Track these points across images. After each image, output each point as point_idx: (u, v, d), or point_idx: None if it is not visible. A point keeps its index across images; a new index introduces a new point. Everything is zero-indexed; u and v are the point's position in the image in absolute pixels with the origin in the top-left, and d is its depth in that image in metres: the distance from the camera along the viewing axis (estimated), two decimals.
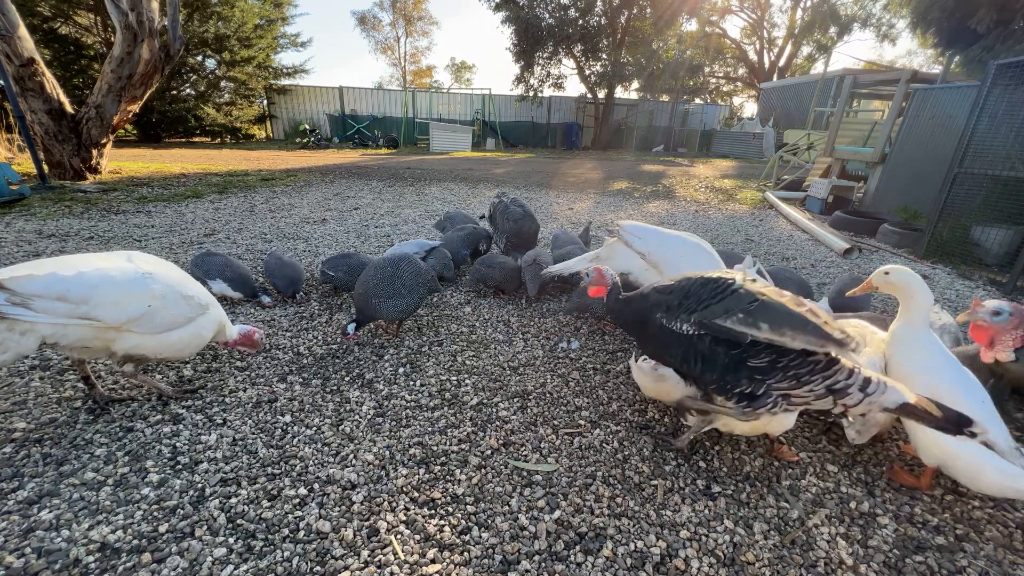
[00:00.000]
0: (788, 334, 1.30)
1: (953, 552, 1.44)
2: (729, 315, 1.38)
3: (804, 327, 1.30)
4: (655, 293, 1.64)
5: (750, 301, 1.38)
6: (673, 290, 1.59)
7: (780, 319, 1.32)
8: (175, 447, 1.73)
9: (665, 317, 1.56)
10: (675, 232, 2.57)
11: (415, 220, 5.58)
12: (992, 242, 4.41)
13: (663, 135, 21.85)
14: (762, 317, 1.33)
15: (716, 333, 1.42)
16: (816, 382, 1.36)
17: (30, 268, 1.60)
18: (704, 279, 1.55)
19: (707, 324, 1.42)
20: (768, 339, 1.32)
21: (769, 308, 1.35)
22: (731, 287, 1.46)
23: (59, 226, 4.49)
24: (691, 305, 1.50)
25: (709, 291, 1.49)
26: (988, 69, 4.26)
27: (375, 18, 38.99)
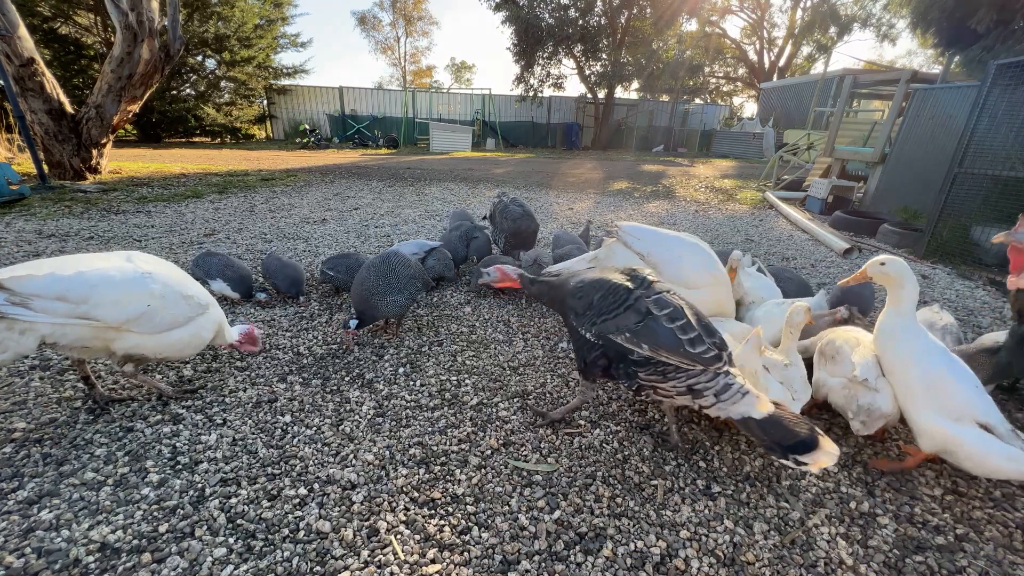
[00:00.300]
0: (663, 354, 1.51)
1: (953, 552, 1.44)
2: (619, 333, 1.59)
3: (677, 349, 1.50)
4: (570, 299, 1.79)
5: (637, 321, 1.57)
6: (581, 296, 1.75)
7: (658, 342, 1.52)
8: (175, 447, 1.73)
9: (575, 320, 1.76)
10: (673, 233, 2.56)
11: (415, 220, 5.58)
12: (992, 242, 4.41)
13: (663, 135, 21.85)
14: (644, 339, 1.54)
15: (609, 345, 1.64)
16: (680, 379, 1.54)
17: (29, 268, 1.60)
18: (606, 291, 1.70)
19: (603, 337, 1.65)
20: (648, 356, 1.54)
21: (651, 330, 1.54)
22: (626, 302, 1.63)
23: (59, 226, 4.49)
24: (592, 316, 1.68)
25: (608, 304, 1.66)
26: (988, 69, 4.27)
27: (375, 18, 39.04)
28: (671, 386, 1.55)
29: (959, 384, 1.58)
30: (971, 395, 1.56)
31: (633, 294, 1.63)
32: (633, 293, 1.64)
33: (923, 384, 1.61)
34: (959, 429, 1.53)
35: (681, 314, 1.57)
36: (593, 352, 1.70)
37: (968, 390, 1.57)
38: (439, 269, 3.25)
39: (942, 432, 1.55)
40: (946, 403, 1.57)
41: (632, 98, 23.58)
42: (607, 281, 1.71)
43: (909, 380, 1.65)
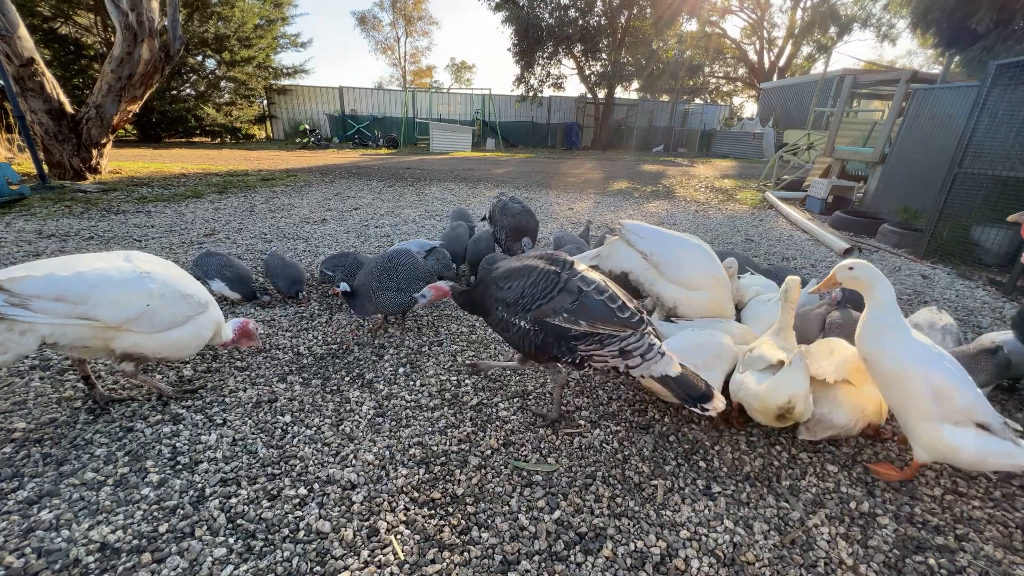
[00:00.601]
0: (599, 326, 1.66)
1: (953, 552, 1.44)
2: (557, 314, 1.69)
3: (611, 319, 1.66)
4: (495, 288, 1.85)
5: (573, 301, 1.68)
6: (510, 287, 1.81)
7: (595, 315, 1.66)
8: (175, 447, 1.73)
9: (506, 312, 1.81)
10: (677, 233, 2.55)
11: (415, 220, 5.58)
12: (992, 242, 4.42)
13: (663, 135, 21.84)
14: (581, 315, 1.67)
15: (548, 328, 1.72)
16: (614, 344, 1.69)
17: (28, 269, 1.60)
18: (535, 277, 1.77)
19: (540, 322, 1.72)
20: (586, 331, 1.67)
21: (587, 307, 1.67)
22: (557, 285, 1.72)
23: (59, 226, 4.49)
24: (527, 304, 1.75)
25: (540, 290, 1.74)
26: (988, 69, 4.27)
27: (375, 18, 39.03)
28: (608, 352, 1.70)
29: (961, 387, 1.52)
30: (971, 396, 1.52)
31: (562, 276, 1.74)
32: (562, 276, 1.74)
33: (927, 393, 1.53)
34: (961, 434, 1.50)
35: (606, 287, 1.73)
36: (537, 338, 1.76)
37: (968, 391, 1.52)
38: (438, 269, 3.25)
39: (945, 441, 1.51)
40: (950, 409, 1.51)
41: (632, 98, 23.58)
42: (534, 268, 1.79)
43: (910, 389, 1.56)
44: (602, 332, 1.66)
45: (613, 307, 1.67)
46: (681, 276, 2.37)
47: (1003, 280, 4.02)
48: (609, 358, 1.71)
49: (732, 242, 5.26)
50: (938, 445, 1.54)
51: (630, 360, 1.69)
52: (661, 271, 2.42)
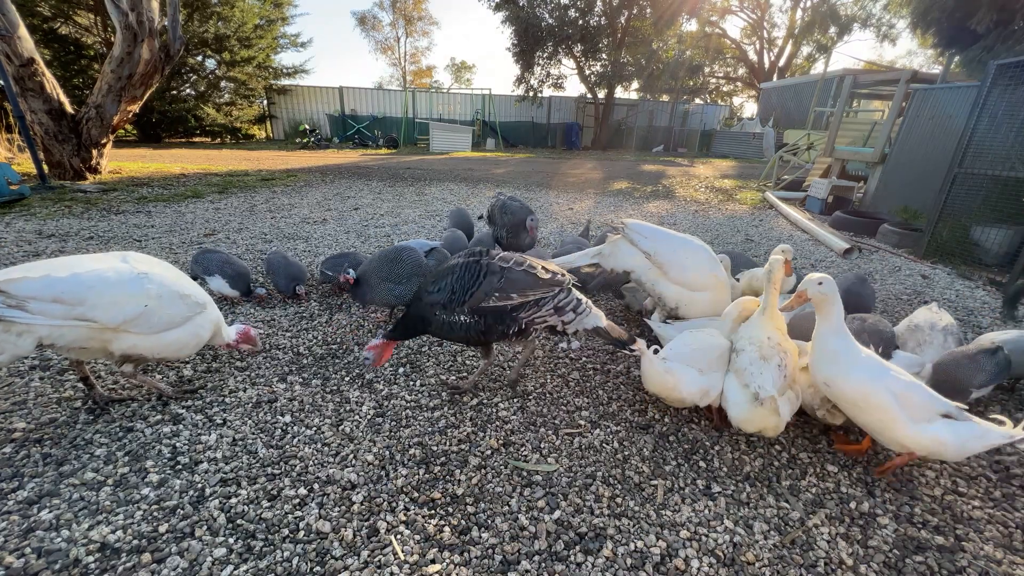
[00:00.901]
0: (530, 292, 1.85)
1: (953, 552, 1.44)
2: (489, 296, 1.83)
3: (537, 284, 1.86)
4: (427, 295, 1.95)
5: (499, 279, 1.84)
6: (440, 288, 1.92)
7: (522, 284, 1.85)
8: (175, 447, 1.73)
9: (444, 313, 1.91)
10: (681, 234, 2.53)
11: (415, 220, 5.58)
12: (992, 242, 4.41)
13: (663, 135, 21.84)
14: (511, 288, 1.84)
15: (487, 312, 1.86)
16: (549, 304, 1.90)
17: (25, 270, 1.60)
18: (460, 271, 1.90)
19: (478, 309, 1.86)
20: (520, 302, 1.85)
21: (513, 280, 1.85)
22: (481, 271, 1.87)
23: (59, 226, 4.49)
24: (460, 298, 1.87)
25: (468, 281, 1.87)
26: (988, 69, 4.27)
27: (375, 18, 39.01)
28: (545, 311, 1.89)
29: (914, 388, 1.59)
30: (924, 392, 1.60)
31: (482, 262, 1.90)
32: (482, 262, 1.90)
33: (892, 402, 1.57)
34: (935, 427, 1.56)
35: (523, 259, 1.91)
36: (480, 325, 1.88)
37: (919, 389, 1.60)
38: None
39: (927, 437, 1.56)
40: (914, 410, 1.57)
41: (632, 98, 23.57)
42: (456, 264, 1.93)
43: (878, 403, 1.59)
44: (533, 297, 1.86)
45: (534, 272, 1.86)
46: (684, 277, 2.36)
47: (1003, 280, 4.02)
48: (548, 317, 1.90)
49: (732, 242, 5.26)
50: (923, 442, 1.57)
51: (565, 316, 1.91)
52: (664, 271, 2.41)
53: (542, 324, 1.93)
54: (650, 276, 2.47)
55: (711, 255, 2.44)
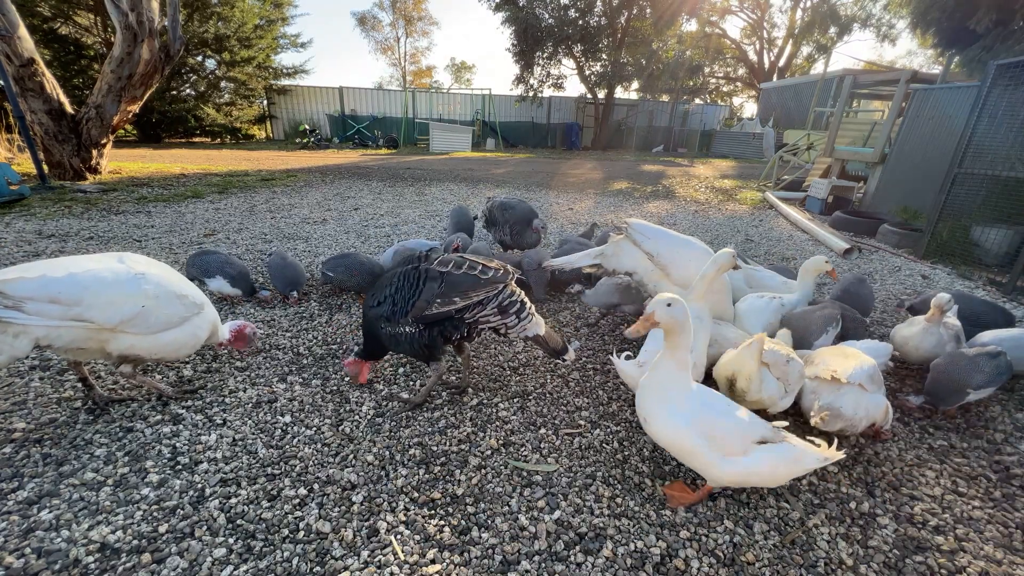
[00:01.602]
0: (472, 294, 1.81)
1: (953, 552, 1.44)
2: (431, 304, 1.80)
3: (479, 284, 1.82)
4: (370, 311, 1.94)
5: (439, 284, 1.81)
6: (381, 301, 1.90)
7: (464, 287, 1.81)
8: (175, 447, 1.73)
9: (389, 326, 1.89)
10: (683, 236, 2.50)
11: (415, 220, 5.58)
12: (992, 242, 4.41)
13: (663, 135, 21.84)
14: (453, 292, 1.80)
15: (431, 320, 1.83)
16: (492, 303, 1.87)
17: (21, 271, 1.60)
18: (398, 282, 1.88)
19: (422, 318, 1.83)
20: (464, 304, 1.81)
21: (454, 283, 1.82)
22: (420, 278, 1.85)
23: (59, 226, 4.49)
24: (402, 308, 1.84)
25: (407, 290, 1.85)
26: (988, 69, 4.27)
27: (375, 18, 39.00)
28: (490, 310, 1.87)
29: (731, 427, 1.47)
30: (742, 427, 1.48)
31: (421, 268, 1.87)
32: (420, 268, 1.88)
33: (704, 445, 1.46)
34: (749, 459, 1.46)
35: (463, 260, 1.88)
36: (425, 335, 1.86)
37: (737, 425, 1.48)
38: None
39: (738, 471, 1.46)
40: (730, 447, 1.46)
41: (632, 98, 23.57)
42: (394, 274, 1.93)
43: (689, 447, 1.48)
44: (476, 298, 1.83)
45: (475, 272, 1.83)
46: (686, 279, 2.34)
47: (1003, 280, 4.02)
48: (491, 317, 1.88)
49: (732, 242, 5.26)
50: (733, 477, 1.48)
51: (508, 319, 1.89)
52: (667, 272, 2.40)
53: (486, 325, 1.91)
54: (652, 277, 2.47)
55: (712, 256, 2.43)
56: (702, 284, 2.07)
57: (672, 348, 1.51)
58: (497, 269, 1.89)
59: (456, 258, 1.89)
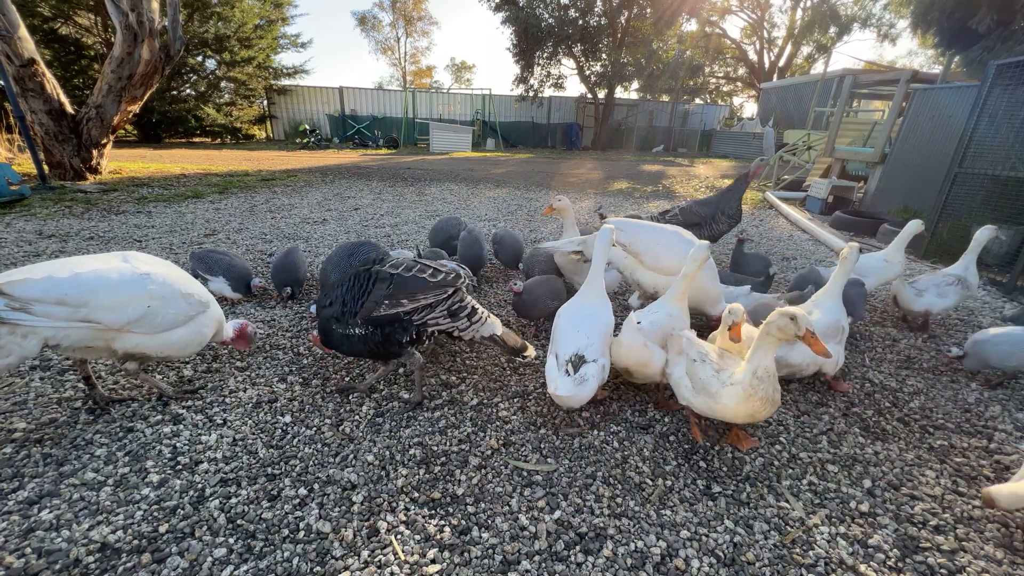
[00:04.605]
0: (420, 296, 1.83)
1: (953, 552, 1.44)
2: (380, 304, 1.81)
3: (427, 287, 1.84)
4: (323, 311, 1.94)
5: (388, 286, 1.82)
6: (332, 302, 1.91)
7: (411, 288, 1.83)
8: (175, 447, 1.73)
9: (339, 327, 1.89)
10: (654, 224, 2.70)
11: (415, 220, 5.58)
12: (992, 242, 4.40)
13: (663, 135, 21.85)
14: (401, 294, 1.82)
15: (379, 322, 1.84)
16: (442, 307, 1.89)
17: (27, 272, 1.60)
18: (350, 283, 1.89)
19: (370, 320, 1.83)
20: (412, 307, 1.83)
21: (402, 285, 1.83)
22: (370, 279, 1.86)
23: (59, 226, 4.49)
24: (351, 309, 1.85)
25: (356, 293, 1.85)
26: (988, 69, 4.26)
27: (375, 18, 39.00)
28: (439, 313, 1.89)
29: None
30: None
31: (372, 270, 1.88)
32: (372, 270, 1.88)
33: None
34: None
35: (414, 263, 1.90)
36: (376, 335, 1.86)
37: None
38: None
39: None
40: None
41: (632, 98, 23.56)
42: (347, 276, 1.93)
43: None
44: (424, 300, 1.84)
45: (424, 276, 1.85)
46: (658, 263, 2.52)
47: (1003, 280, 4.02)
48: (440, 319, 1.90)
49: (732, 242, 5.26)
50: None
51: (459, 322, 1.91)
52: (640, 260, 2.59)
53: (435, 328, 1.92)
54: (627, 264, 2.68)
55: (685, 240, 2.53)
56: (683, 283, 2.10)
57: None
58: (447, 273, 1.90)
59: (408, 261, 1.92)
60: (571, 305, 2.09)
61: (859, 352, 2.72)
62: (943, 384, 2.42)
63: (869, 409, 2.17)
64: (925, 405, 2.22)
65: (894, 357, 2.68)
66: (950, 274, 2.99)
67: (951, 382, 2.44)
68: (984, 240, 3.01)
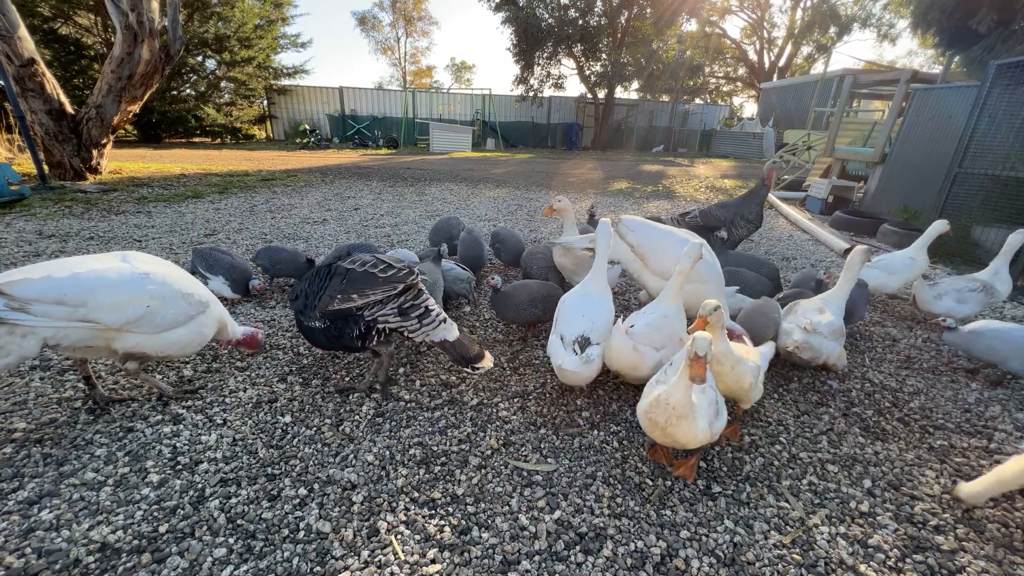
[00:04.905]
0: (368, 292, 1.84)
1: (953, 552, 1.44)
2: (333, 299, 1.85)
3: (376, 283, 1.84)
4: (296, 303, 1.99)
5: (341, 280, 1.86)
6: (298, 296, 1.96)
7: (361, 284, 1.84)
8: (175, 447, 1.73)
9: (304, 319, 1.95)
10: (665, 227, 2.66)
11: (415, 220, 5.58)
12: (992, 242, 4.41)
13: (663, 135, 21.85)
14: (351, 289, 1.84)
15: (334, 316, 1.87)
16: (393, 304, 1.88)
17: (25, 272, 1.60)
18: (311, 278, 1.95)
19: (326, 313, 1.87)
20: (363, 303, 1.85)
21: (353, 280, 1.85)
22: (329, 274, 1.90)
23: (59, 226, 4.49)
24: (312, 303, 1.90)
25: (317, 286, 1.91)
26: (988, 69, 4.27)
27: (375, 18, 38.99)
28: (389, 310, 1.88)
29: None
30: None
31: (333, 266, 1.92)
32: (333, 266, 1.92)
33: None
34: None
35: (371, 258, 1.92)
36: (334, 329, 1.89)
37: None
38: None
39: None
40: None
41: (632, 98, 23.56)
42: (314, 271, 1.99)
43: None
44: (373, 296, 1.84)
45: (375, 271, 1.86)
46: (662, 267, 2.49)
47: None
48: (391, 317, 1.89)
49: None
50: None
51: (408, 322, 1.89)
52: (646, 262, 2.57)
53: (385, 326, 1.91)
54: (634, 267, 2.65)
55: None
56: (678, 279, 2.09)
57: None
58: (400, 269, 1.90)
59: (368, 257, 1.93)
60: (576, 292, 2.19)
61: (859, 352, 2.72)
62: (943, 384, 2.42)
63: (869, 409, 2.17)
64: (925, 405, 2.22)
65: (894, 357, 2.68)
66: (976, 279, 2.94)
67: (951, 382, 2.44)
68: (1017, 244, 2.98)
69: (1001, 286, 2.94)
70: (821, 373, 2.45)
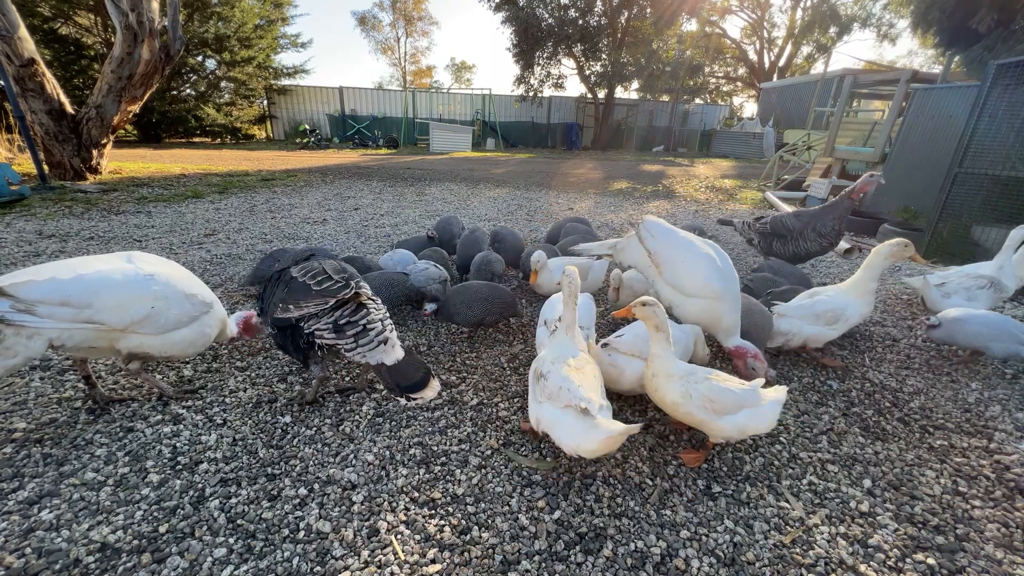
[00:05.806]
0: (303, 304, 1.73)
1: (953, 552, 1.44)
2: (276, 308, 1.78)
3: (309, 295, 1.74)
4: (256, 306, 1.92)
5: (284, 289, 1.80)
6: (263, 298, 1.92)
7: (297, 295, 1.76)
8: (175, 447, 1.73)
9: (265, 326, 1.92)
10: (690, 238, 2.43)
11: (415, 220, 5.58)
12: (992, 242, 4.41)
13: (663, 135, 21.87)
14: (290, 300, 1.75)
15: (278, 324, 1.80)
16: (327, 319, 1.75)
17: (31, 273, 1.61)
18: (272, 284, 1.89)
19: (273, 322, 1.81)
20: (300, 315, 1.73)
21: (293, 291, 1.78)
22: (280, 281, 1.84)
23: (59, 226, 4.49)
24: (267, 309, 1.85)
25: (270, 293, 1.86)
26: (988, 69, 4.26)
27: (375, 18, 39.05)
28: (323, 324, 1.74)
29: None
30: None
31: (286, 272, 1.85)
32: (287, 271, 1.85)
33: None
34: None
35: (320, 271, 1.81)
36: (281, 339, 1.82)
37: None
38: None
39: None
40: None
41: (632, 98, 23.57)
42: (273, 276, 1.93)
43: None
44: (307, 309, 1.73)
45: (311, 283, 1.76)
46: (676, 280, 2.34)
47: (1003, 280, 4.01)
48: (326, 333, 1.73)
49: (732, 242, 5.27)
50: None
51: (343, 340, 1.71)
52: (660, 272, 2.42)
53: (320, 340, 1.76)
54: (649, 274, 2.52)
55: (716, 266, 2.29)
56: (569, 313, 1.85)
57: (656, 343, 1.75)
58: (336, 281, 1.77)
59: (315, 265, 1.85)
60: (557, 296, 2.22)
61: (859, 352, 2.72)
62: (943, 384, 2.42)
63: (869, 409, 2.17)
64: (925, 405, 2.22)
65: (894, 357, 2.68)
66: (982, 276, 2.90)
67: (951, 382, 2.44)
68: (1020, 239, 2.99)
69: (1008, 281, 2.92)
70: (821, 373, 2.45)
